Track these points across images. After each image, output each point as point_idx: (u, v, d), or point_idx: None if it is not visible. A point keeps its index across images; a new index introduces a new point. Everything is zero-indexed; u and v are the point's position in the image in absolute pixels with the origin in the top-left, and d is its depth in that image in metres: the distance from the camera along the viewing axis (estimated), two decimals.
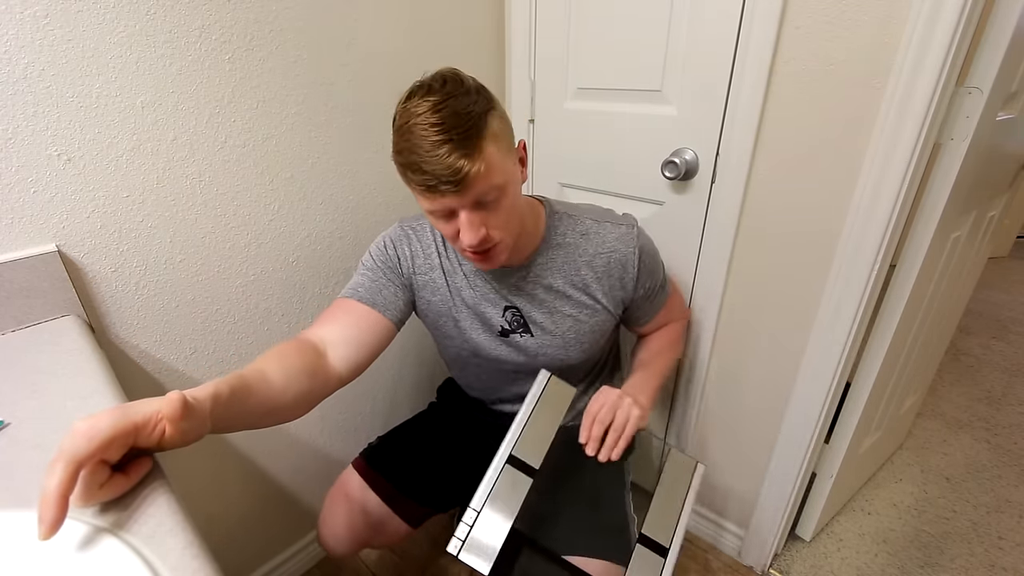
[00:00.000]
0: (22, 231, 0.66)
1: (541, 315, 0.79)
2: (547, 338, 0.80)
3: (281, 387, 0.58)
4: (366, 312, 0.73)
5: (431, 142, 0.57)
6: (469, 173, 0.58)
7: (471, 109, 0.59)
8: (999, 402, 1.76)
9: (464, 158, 0.57)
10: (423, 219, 0.82)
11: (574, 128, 1.11)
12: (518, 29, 1.13)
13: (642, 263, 0.79)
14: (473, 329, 0.82)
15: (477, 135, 0.58)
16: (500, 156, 0.62)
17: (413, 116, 0.59)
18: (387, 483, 0.85)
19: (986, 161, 0.92)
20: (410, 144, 0.59)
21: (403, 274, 0.79)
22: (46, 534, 0.32)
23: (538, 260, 0.78)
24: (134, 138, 0.72)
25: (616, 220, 0.80)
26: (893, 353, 1.02)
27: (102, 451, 0.36)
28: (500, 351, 0.83)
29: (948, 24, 0.66)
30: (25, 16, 0.61)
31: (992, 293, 2.56)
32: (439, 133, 0.57)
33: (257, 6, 0.79)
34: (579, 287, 0.78)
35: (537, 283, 0.78)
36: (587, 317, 0.80)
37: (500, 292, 0.79)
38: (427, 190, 0.60)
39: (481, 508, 0.68)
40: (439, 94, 0.59)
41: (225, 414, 0.48)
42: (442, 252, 0.80)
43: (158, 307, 0.81)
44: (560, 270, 0.78)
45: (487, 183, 0.60)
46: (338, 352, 0.68)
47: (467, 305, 0.80)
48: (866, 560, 1.20)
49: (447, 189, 0.58)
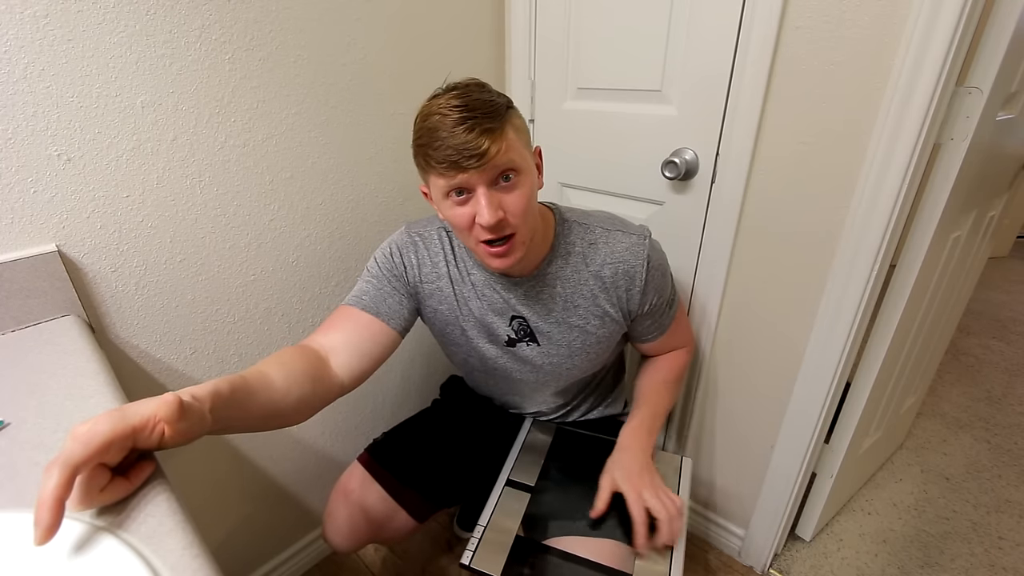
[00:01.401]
0: (22, 231, 0.66)
1: (548, 325, 0.78)
2: (553, 348, 0.80)
3: (283, 390, 0.58)
4: (369, 321, 0.73)
5: (454, 119, 0.59)
6: (490, 149, 0.59)
7: (494, 100, 0.62)
8: (999, 402, 1.76)
9: (486, 134, 0.59)
10: (430, 225, 0.81)
11: (574, 128, 1.11)
12: (518, 29, 1.13)
13: (650, 276, 0.76)
14: (479, 339, 0.81)
15: (500, 118, 0.61)
16: (519, 145, 0.64)
17: (435, 106, 0.61)
18: (392, 478, 0.85)
19: (986, 161, 0.92)
20: (432, 126, 0.60)
21: (409, 283, 0.78)
22: (42, 539, 0.32)
23: (547, 269, 0.76)
24: (134, 138, 0.72)
25: (628, 229, 0.77)
26: (893, 353, 1.02)
27: (100, 454, 0.35)
28: (506, 361, 0.82)
29: (948, 24, 0.66)
30: (25, 16, 0.61)
31: (992, 293, 2.56)
32: (462, 112, 0.59)
33: (257, 6, 0.79)
34: (587, 297, 0.77)
35: (545, 292, 0.77)
36: (595, 328, 0.78)
37: (508, 302, 0.78)
38: (449, 166, 0.60)
39: (487, 523, 0.77)
40: (462, 89, 0.62)
41: (225, 413, 0.48)
42: (451, 260, 0.79)
43: (158, 307, 0.81)
44: (569, 280, 0.77)
45: (507, 160, 0.61)
46: (340, 360, 0.68)
47: (474, 315, 0.80)
48: (866, 560, 1.20)
49: (469, 164, 0.59)
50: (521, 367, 0.83)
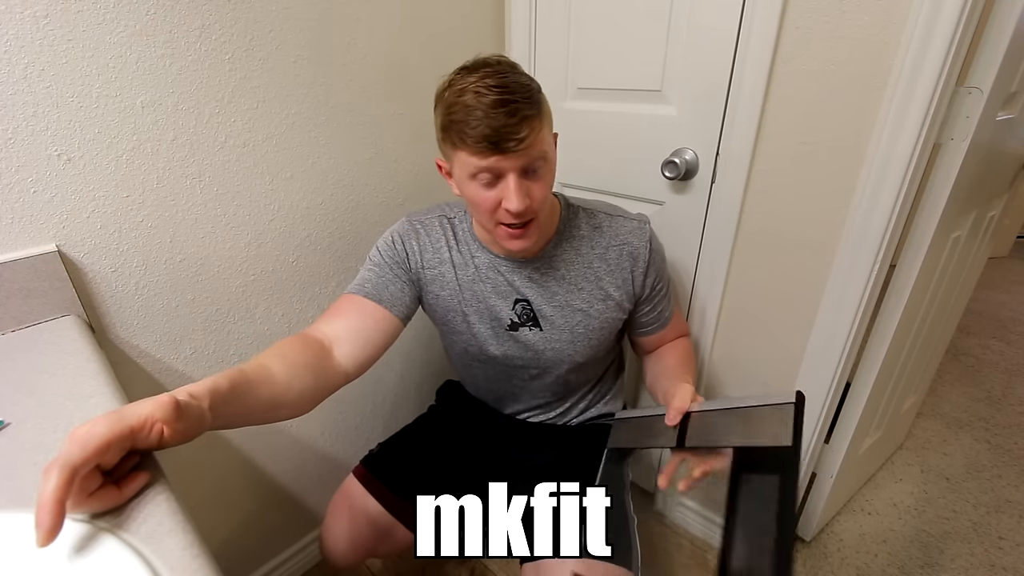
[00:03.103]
0: (22, 231, 0.66)
1: (551, 309, 0.79)
2: (555, 333, 0.80)
3: (285, 382, 0.58)
4: (372, 308, 0.73)
5: (493, 100, 0.57)
6: (528, 137, 0.59)
7: (531, 85, 0.62)
8: (999, 402, 1.76)
9: (526, 121, 0.59)
10: (431, 213, 0.82)
11: (574, 128, 1.11)
12: (518, 29, 1.13)
13: (652, 257, 0.79)
14: (482, 323, 0.81)
15: (539, 103, 0.61)
16: (549, 133, 0.65)
17: (470, 84, 0.59)
18: (389, 491, 0.85)
19: (986, 161, 0.92)
20: (469, 103, 0.58)
21: (411, 269, 0.78)
22: (44, 540, 0.32)
23: (552, 252, 0.78)
24: (134, 138, 0.72)
25: (628, 215, 0.81)
26: (893, 353, 1.02)
27: (98, 455, 0.35)
28: (508, 346, 0.82)
29: (948, 24, 0.66)
30: (25, 16, 0.61)
31: (992, 293, 2.56)
32: (503, 94, 0.58)
33: (257, 6, 0.79)
34: (591, 280, 0.78)
35: (550, 275, 0.78)
36: (598, 312, 0.79)
37: (512, 284, 0.78)
38: (488, 147, 0.59)
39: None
40: (495, 67, 0.60)
41: (225, 409, 0.48)
42: (452, 245, 0.79)
43: (158, 307, 0.81)
44: (573, 262, 0.78)
45: (541, 149, 0.62)
46: (343, 348, 0.68)
47: (477, 299, 0.80)
48: (866, 560, 1.20)
49: (508, 147, 0.59)
50: (522, 353, 0.82)
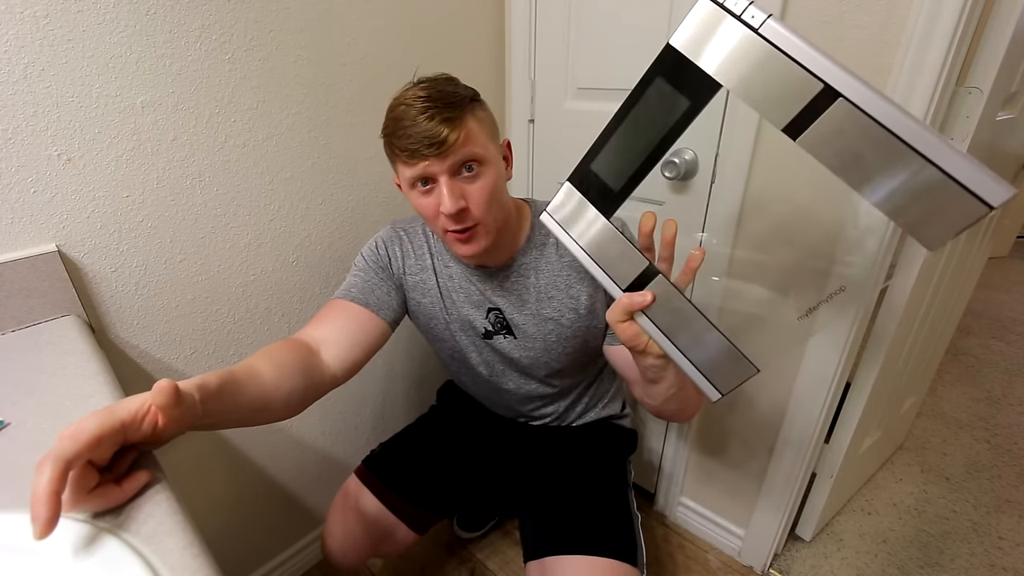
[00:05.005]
0: (22, 231, 0.66)
1: (523, 317, 0.78)
2: (528, 342, 0.79)
3: (273, 384, 0.58)
4: (359, 312, 0.73)
5: (417, 109, 0.61)
6: (449, 138, 0.61)
7: (457, 91, 0.64)
8: (999, 402, 1.76)
9: (445, 123, 0.61)
10: (415, 221, 0.82)
11: (574, 128, 1.11)
12: (518, 29, 1.13)
13: None
14: (461, 331, 0.82)
15: (460, 108, 0.63)
16: (482, 136, 0.65)
17: (403, 97, 0.64)
18: (391, 492, 0.85)
19: (986, 161, 0.91)
20: (397, 115, 0.63)
21: (394, 274, 0.79)
22: (41, 533, 0.32)
23: (521, 260, 0.77)
24: (134, 138, 0.72)
25: None
26: (893, 353, 1.02)
27: (90, 449, 0.35)
28: (486, 353, 0.83)
29: (948, 24, 0.66)
30: (25, 16, 0.61)
31: (992, 293, 2.56)
32: (424, 102, 0.61)
33: (257, 6, 0.79)
34: (561, 288, 0.77)
35: (520, 283, 0.78)
36: (569, 322, 0.77)
37: (484, 294, 0.79)
38: (410, 155, 0.62)
39: None
40: (429, 82, 0.65)
41: (214, 407, 0.48)
42: (435, 253, 0.80)
43: (158, 307, 0.81)
44: (543, 271, 0.77)
45: (466, 150, 0.63)
46: (331, 351, 0.68)
47: (456, 307, 0.80)
48: (866, 560, 1.20)
49: (429, 152, 0.61)
50: (499, 360, 0.83)
